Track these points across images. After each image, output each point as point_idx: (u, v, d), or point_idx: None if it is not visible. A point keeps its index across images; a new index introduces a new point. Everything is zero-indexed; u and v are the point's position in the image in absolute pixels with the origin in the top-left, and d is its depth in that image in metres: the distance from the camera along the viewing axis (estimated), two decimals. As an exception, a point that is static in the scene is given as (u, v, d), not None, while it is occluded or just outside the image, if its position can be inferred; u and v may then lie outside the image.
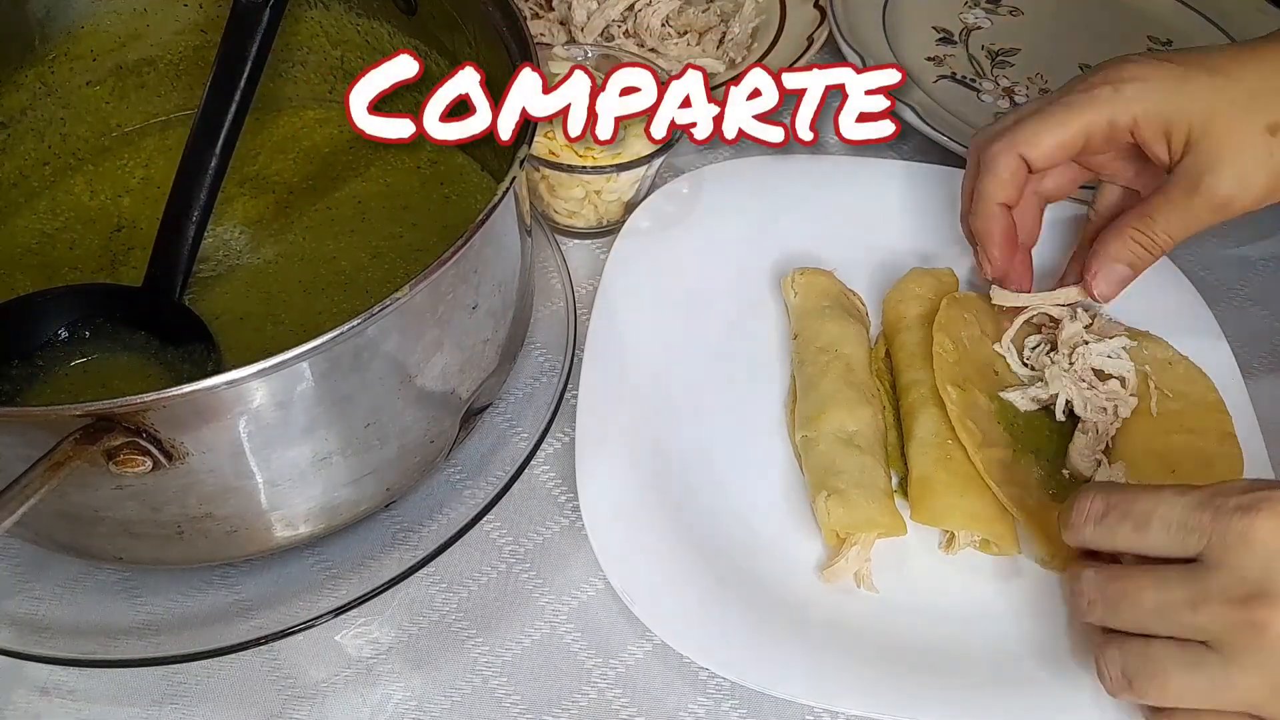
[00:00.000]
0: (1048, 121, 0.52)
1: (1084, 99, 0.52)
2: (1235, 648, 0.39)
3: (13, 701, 0.47)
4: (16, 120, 0.58)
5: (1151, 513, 0.41)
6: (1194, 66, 0.51)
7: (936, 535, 0.53)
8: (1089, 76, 0.53)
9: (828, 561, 0.51)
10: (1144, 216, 0.53)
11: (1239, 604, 0.38)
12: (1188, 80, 0.51)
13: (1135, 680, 0.42)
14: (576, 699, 0.48)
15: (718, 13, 0.80)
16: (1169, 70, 0.51)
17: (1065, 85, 0.55)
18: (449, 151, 0.63)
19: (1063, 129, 0.52)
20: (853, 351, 0.57)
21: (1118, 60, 0.53)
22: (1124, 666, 0.42)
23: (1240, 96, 0.50)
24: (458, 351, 0.47)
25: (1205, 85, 0.50)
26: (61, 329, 0.52)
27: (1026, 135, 0.53)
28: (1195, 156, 0.51)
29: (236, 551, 0.48)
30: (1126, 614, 0.42)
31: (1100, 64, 0.54)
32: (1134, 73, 0.51)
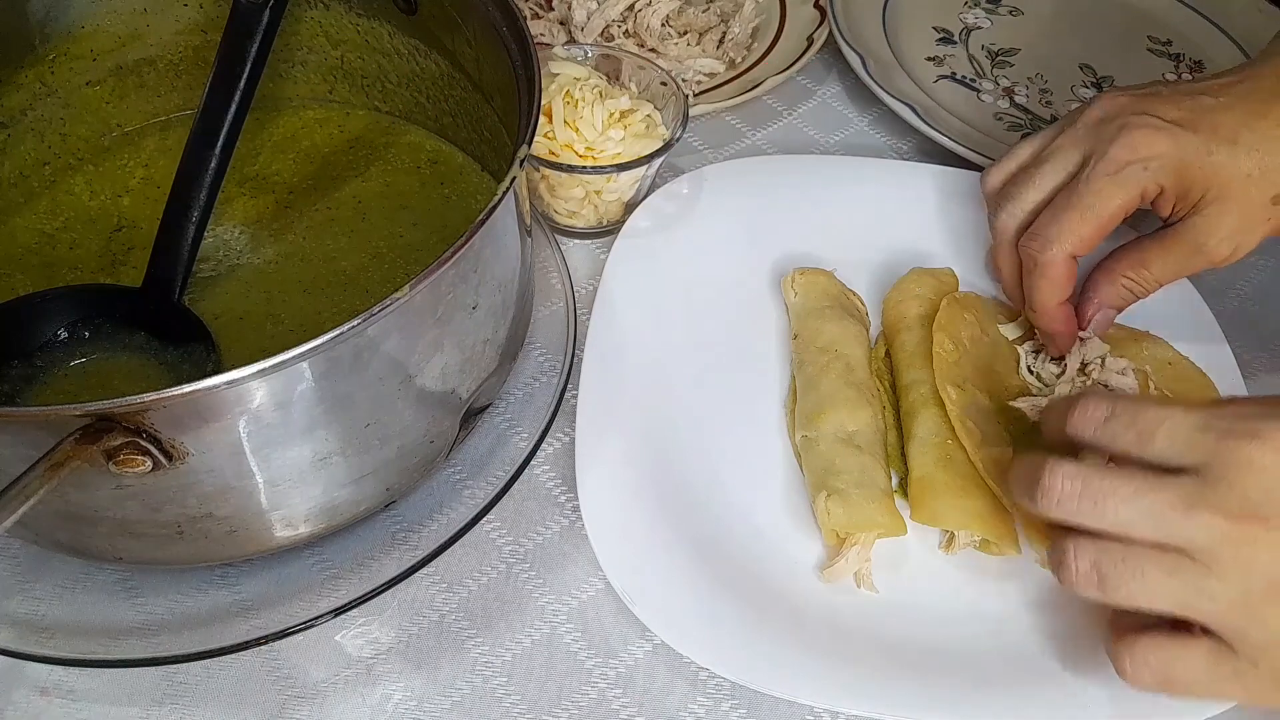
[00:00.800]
0: (1088, 217, 0.53)
1: (1114, 184, 0.52)
2: (1219, 558, 0.39)
3: (13, 701, 0.47)
4: (16, 120, 0.58)
5: (1159, 423, 0.41)
6: (1213, 135, 0.52)
7: (936, 535, 0.53)
8: (1110, 149, 0.53)
9: (828, 561, 0.51)
10: (1138, 265, 0.55)
11: (1234, 517, 0.39)
12: (1211, 153, 0.52)
13: (1107, 575, 0.41)
14: (576, 699, 0.48)
15: (718, 13, 0.80)
16: (1190, 142, 0.52)
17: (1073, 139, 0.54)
18: (449, 151, 0.63)
19: (1103, 219, 0.53)
20: (853, 351, 0.57)
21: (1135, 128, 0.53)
22: (1096, 559, 0.41)
23: (1254, 170, 0.52)
24: (458, 351, 0.47)
25: (1224, 158, 0.52)
26: (61, 329, 0.52)
27: (1073, 236, 0.53)
28: (1204, 219, 0.53)
29: (236, 551, 0.48)
30: (1110, 511, 0.41)
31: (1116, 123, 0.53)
32: (1159, 148, 0.52)
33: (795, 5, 0.81)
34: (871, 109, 0.77)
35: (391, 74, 0.63)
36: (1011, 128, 0.75)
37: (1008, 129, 0.75)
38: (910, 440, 0.54)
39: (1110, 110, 0.54)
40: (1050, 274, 0.54)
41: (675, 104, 0.64)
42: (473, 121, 0.60)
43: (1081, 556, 0.42)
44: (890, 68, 0.77)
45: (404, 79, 0.62)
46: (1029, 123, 0.76)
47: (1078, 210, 0.53)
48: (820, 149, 0.75)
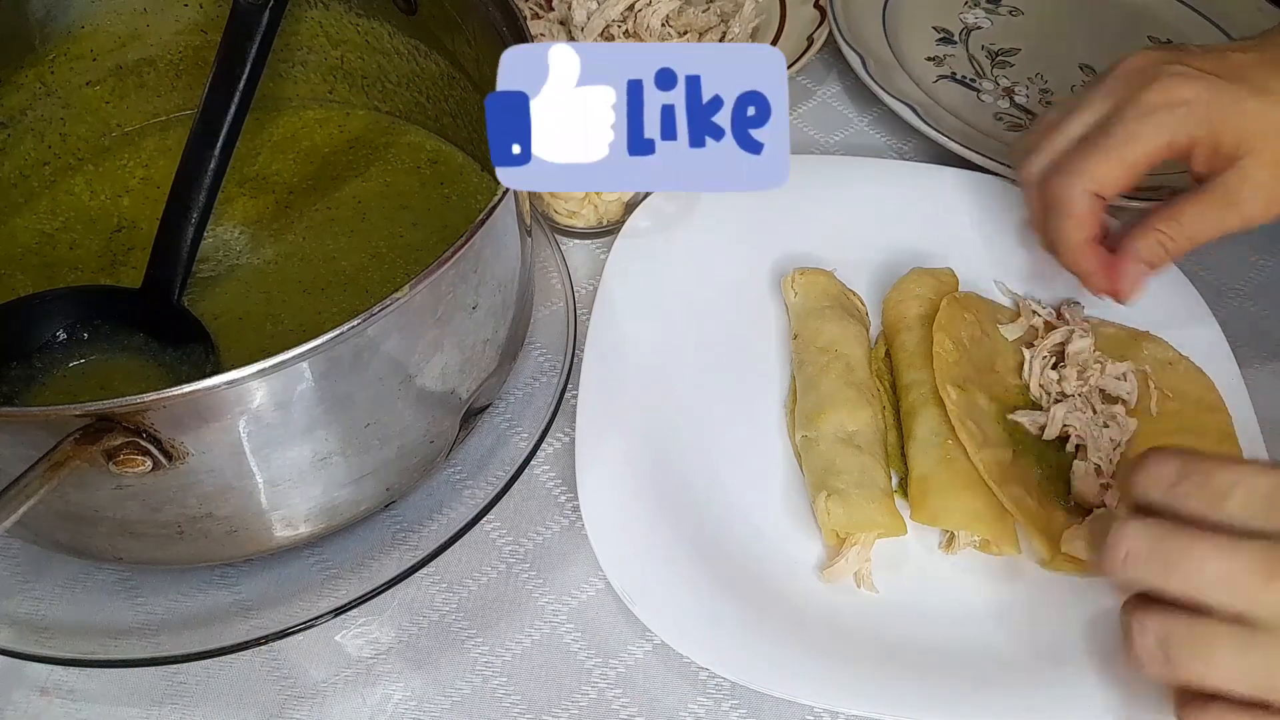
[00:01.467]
0: (1112, 156, 0.52)
1: (1144, 125, 0.52)
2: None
3: (13, 701, 0.47)
4: (16, 120, 0.58)
5: (1234, 484, 0.38)
6: (1246, 84, 0.51)
7: (936, 535, 0.53)
8: (1141, 93, 0.52)
9: (828, 561, 0.51)
10: (1172, 220, 0.53)
11: None
12: (1242, 101, 0.51)
13: (1175, 653, 0.38)
14: (576, 699, 0.48)
15: (718, 13, 0.80)
16: (1221, 90, 0.51)
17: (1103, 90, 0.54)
18: (449, 151, 0.63)
19: (1129, 161, 0.52)
20: (852, 351, 0.57)
21: (1168, 75, 0.52)
22: (1165, 636, 0.38)
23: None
24: (458, 351, 0.47)
25: (1256, 108, 0.51)
26: (60, 331, 0.52)
27: (1095, 171, 0.52)
28: (1238, 173, 0.52)
29: (236, 551, 0.48)
30: (1181, 576, 0.38)
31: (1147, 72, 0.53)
32: (1189, 93, 0.51)
33: (795, 5, 0.81)
34: (871, 109, 0.77)
35: (391, 74, 0.63)
36: (1011, 128, 0.75)
37: (1008, 129, 0.75)
38: (910, 440, 0.54)
39: (1142, 63, 0.53)
40: (1070, 209, 0.52)
41: (675, 104, 0.64)
42: (473, 121, 0.60)
43: (1146, 633, 0.39)
44: (890, 68, 0.77)
45: (404, 79, 0.62)
46: (1029, 123, 0.76)
47: (1102, 149, 0.52)
48: (820, 149, 0.75)
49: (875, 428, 0.54)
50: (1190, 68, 0.52)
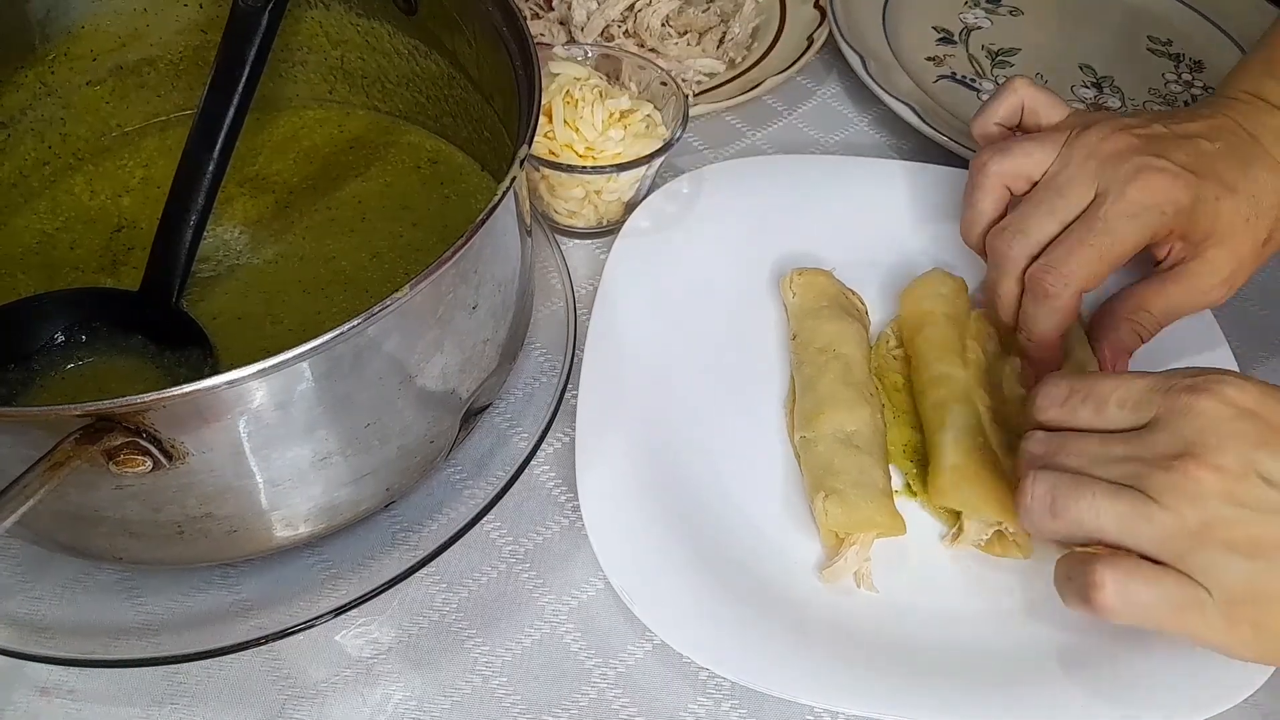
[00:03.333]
0: (1105, 256, 0.54)
1: (1131, 225, 0.53)
2: (1159, 487, 0.42)
3: (13, 701, 0.47)
4: (16, 120, 0.58)
5: (1110, 394, 0.45)
6: (1218, 183, 0.54)
7: (937, 536, 0.53)
8: (1127, 189, 0.53)
9: (827, 562, 0.51)
10: (1141, 309, 0.57)
11: (1171, 457, 0.42)
12: (1219, 200, 0.54)
13: (1059, 496, 0.44)
14: (576, 699, 0.48)
15: (718, 13, 0.80)
16: (1199, 191, 0.54)
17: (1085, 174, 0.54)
18: (449, 151, 0.63)
19: (1114, 259, 0.54)
20: (851, 351, 0.57)
21: (1151, 171, 0.53)
22: (1052, 484, 0.44)
23: (1251, 214, 0.55)
24: (458, 351, 0.47)
25: (1229, 205, 0.54)
26: (58, 333, 0.52)
27: (1087, 273, 0.54)
28: (1203, 263, 0.55)
29: (236, 551, 0.48)
30: (1066, 457, 0.45)
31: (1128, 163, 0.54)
32: (1173, 195, 0.53)
33: (795, 5, 0.81)
34: (871, 109, 0.77)
35: (391, 74, 0.63)
36: (1011, 128, 0.75)
37: (1008, 129, 0.75)
38: (941, 430, 0.54)
39: (1121, 147, 0.54)
40: (1060, 306, 0.55)
41: (675, 104, 0.64)
42: (473, 121, 0.60)
43: (1039, 481, 0.45)
44: (890, 68, 0.77)
45: (404, 79, 0.62)
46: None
47: (1096, 250, 0.54)
48: (820, 149, 0.75)
49: (874, 427, 0.54)
50: (1170, 163, 0.54)
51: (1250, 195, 0.55)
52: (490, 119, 0.58)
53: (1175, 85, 0.81)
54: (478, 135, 0.61)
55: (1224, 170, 0.55)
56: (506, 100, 0.52)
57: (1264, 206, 0.55)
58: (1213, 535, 0.41)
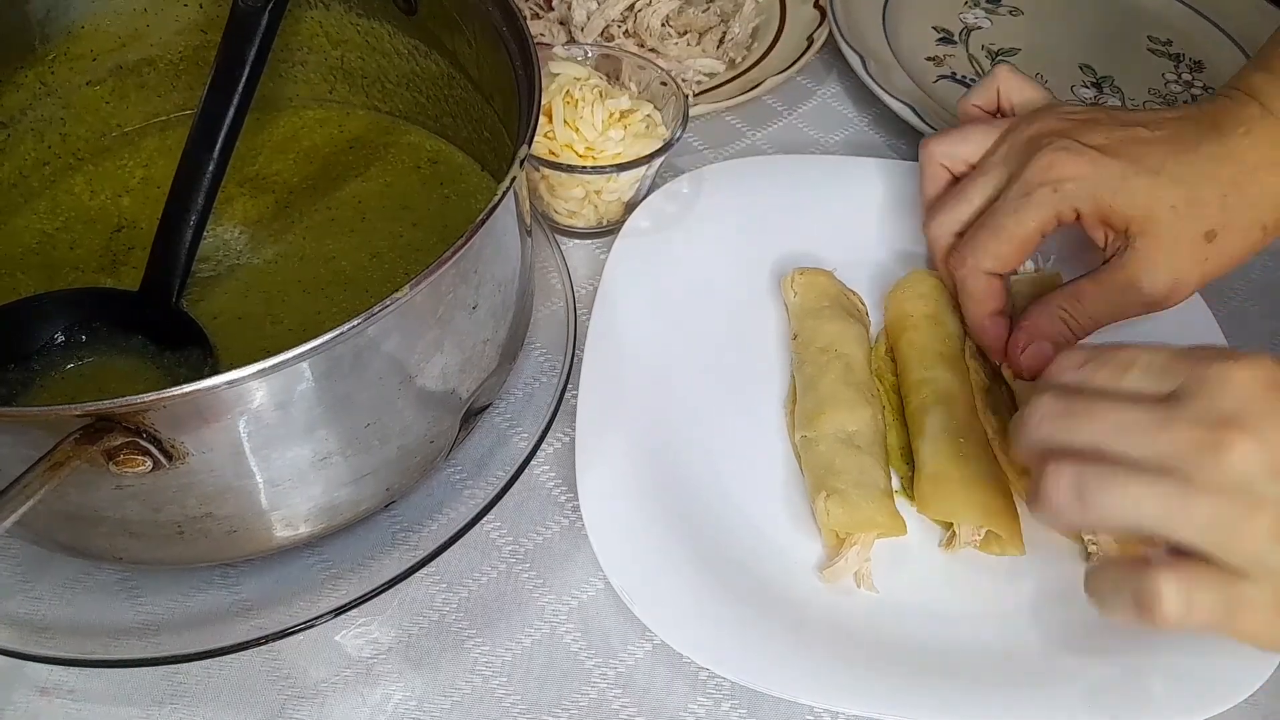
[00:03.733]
0: (1001, 235, 0.54)
1: (1026, 204, 0.53)
2: (1197, 468, 0.38)
3: (13, 701, 0.47)
4: (16, 120, 0.58)
5: (1134, 359, 0.41)
6: (1134, 164, 0.52)
7: (937, 535, 0.53)
8: (1025, 170, 0.53)
9: (827, 562, 0.51)
10: (1074, 298, 0.54)
11: (1208, 427, 0.38)
12: (1128, 180, 0.52)
13: (1088, 488, 0.40)
14: (576, 699, 0.48)
15: (718, 13, 0.80)
16: (1107, 167, 0.52)
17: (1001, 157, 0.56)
18: (449, 151, 0.63)
19: (1018, 239, 0.54)
20: (852, 351, 0.57)
21: (1052, 150, 0.53)
22: (1077, 474, 0.40)
23: (1180, 202, 0.52)
24: (458, 351, 0.47)
25: (1146, 186, 0.52)
26: (58, 333, 0.52)
27: (988, 252, 0.54)
28: (1134, 255, 0.53)
29: (236, 551, 0.48)
30: (1084, 429, 0.41)
31: (1037, 145, 0.54)
32: (1071, 171, 0.52)
33: (795, 5, 0.81)
34: (871, 109, 0.77)
35: (391, 74, 0.63)
36: (1011, 128, 0.75)
37: (1008, 129, 0.75)
38: (920, 437, 0.54)
39: (1038, 131, 0.55)
40: (970, 289, 0.55)
41: (675, 104, 0.64)
42: (473, 121, 0.60)
43: (1061, 474, 0.40)
44: (890, 68, 0.77)
45: (404, 79, 0.62)
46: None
47: (990, 230, 0.54)
48: (820, 149, 0.75)
49: (875, 428, 0.54)
50: (1077, 143, 0.53)
51: (1178, 180, 0.51)
52: (490, 119, 0.58)
53: (1175, 85, 0.81)
54: (478, 135, 0.61)
55: (1150, 153, 0.52)
56: (506, 100, 0.52)
57: (1200, 195, 0.52)
58: (1257, 519, 0.37)
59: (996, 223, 0.54)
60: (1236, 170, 0.52)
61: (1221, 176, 0.52)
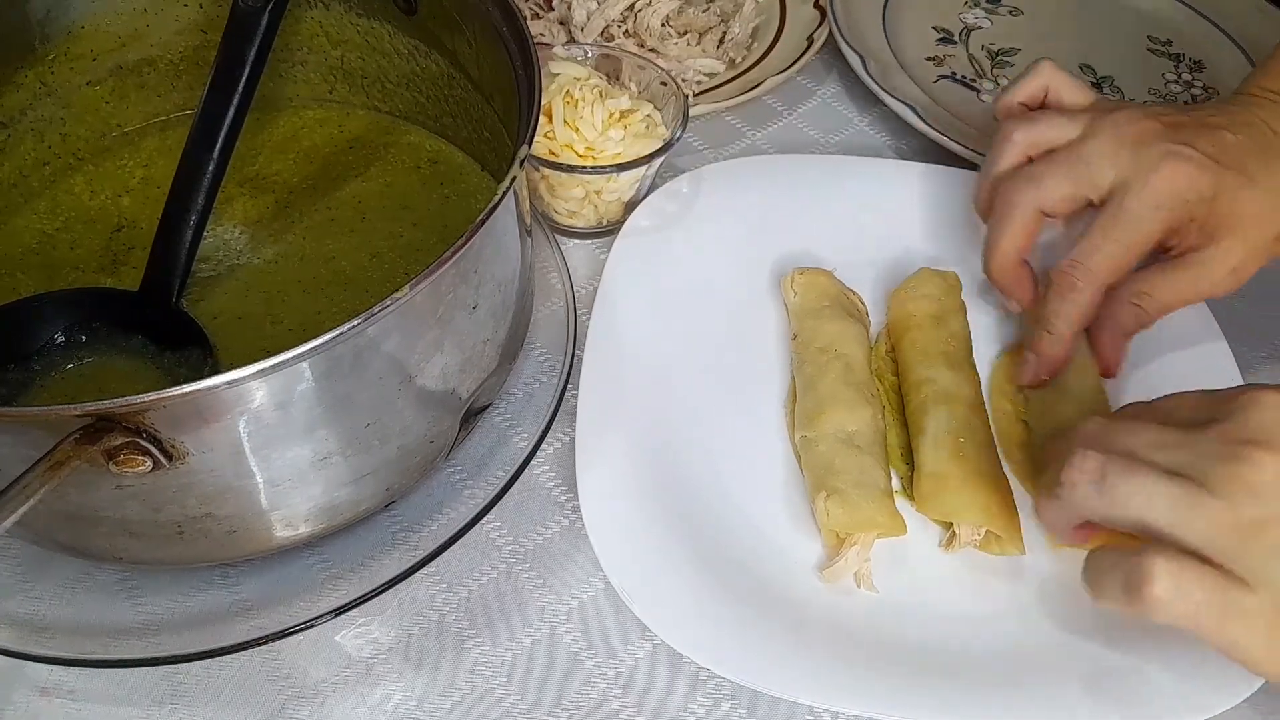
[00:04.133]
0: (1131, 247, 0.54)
1: (1154, 216, 0.53)
2: (1215, 476, 0.40)
3: (13, 701, 0.47)
4: (16, 120, 0.58)
5: (1175, 406, 0.45)
6: (1240, 174, 0.54)
7: (937, 535, 0.53)
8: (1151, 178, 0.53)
9: (827, 562, 0.51)
10: (1145, 294, 0.56)
11: (1235, 442, 0.40)
12: (1240, 191, 0.54)
13: (1110, 474, 0.42)
14: (576, 699, 0.48)
15: (718, 13, 0.80)
16: (1222, 181, 0.53)
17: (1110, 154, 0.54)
18: (449, 151, 0.63)
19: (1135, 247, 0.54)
20: (852, 351, 0.57)
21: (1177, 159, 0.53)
22: (1102, 465, 0.43)
23: (1264, 208, 0.54)
24: (458, 351, 0.47)
25: (1246, 196, 0.54)
26: (58, 333, 0.52)
27: (1113, 267, 0.55)
28: (1214, 252, 0.55)
29: (236, 551, 0.48)
30: (1121, 440, 0.44)
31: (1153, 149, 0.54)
32: (1200, 185, 0.53)
33: (795, 5, 0.81)
34: (871, 109, 0.77)
35: (391, 74, 0.63)
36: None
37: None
38: (921, 435, 0.54)
39: (1146, 132, 0.54)
40: (1083, 301, 0.55)
41: (675, 104, 0.64)
42: (473, 121, 0.60)
43: (1090, 457, 0.43)
44: (890, 68, 0.77)
45: (404, 79, 0.62)
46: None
47: (1121, 243, 0.54)
48: (820, 149, 0.75)
49: (875, 428, 0.54)
50: (1196, 151, 0.53)
51: (1269, 189, 0.54)
52: (490, 119, 0.58)
53: (1175, 85, 0.81)
54: (478, 135, 0.61)
55: (1246, 161, 0.54)
56: (506, 100, 0.52)
57: (1277, 201, 0.54)
58: (1265, 533, 0.39)
59: (1125, 233, 0.54)
60: None
61: None
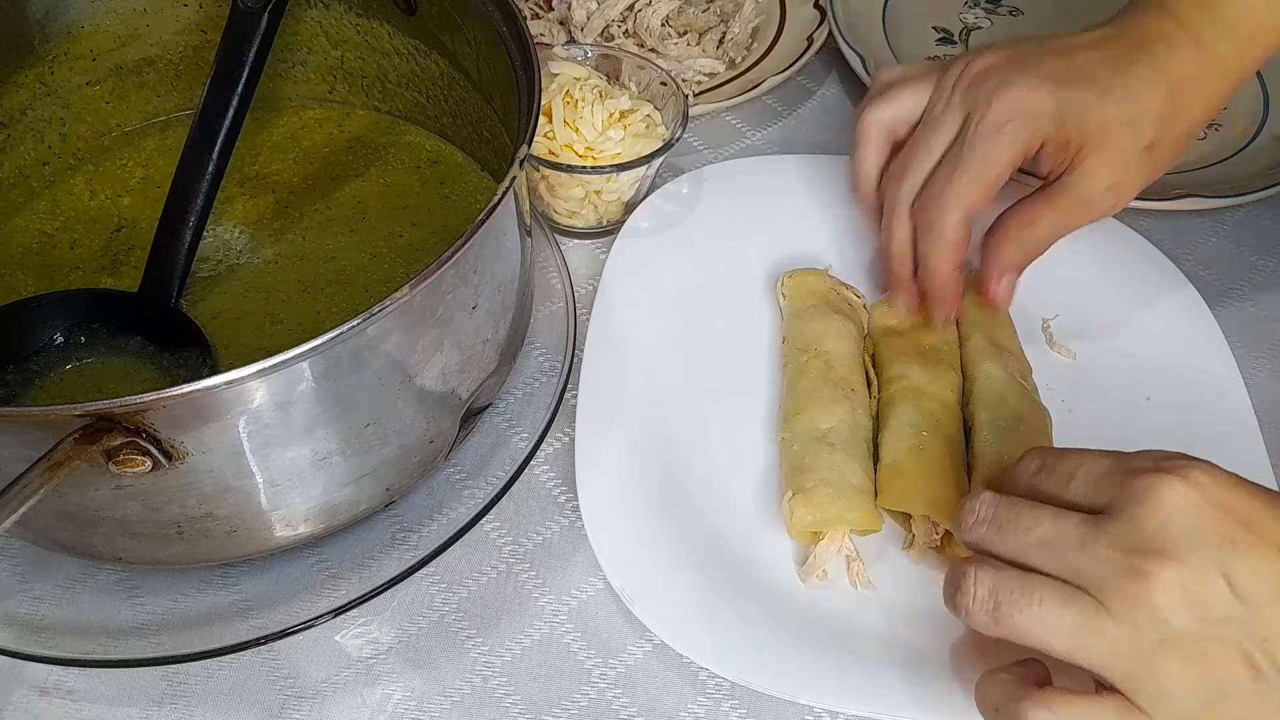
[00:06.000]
0: (975, 179, 0.54)
1: (996, 144, 0.53)
2: (1113, 594, 0.37)
3: (13, 701, 0.47)
4: (16, 120, 0.58)
5: (1078, 465, 0.41)
6: (1088, 87, 0.53)
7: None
8: (989, 109, 0.53)
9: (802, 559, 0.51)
10: (1026, 224, 0.56)
11: (1128, 551, 0.37)
12: (1088, 104, 0.53)
13: (1004, 603, 0.39)
14: (576, 699, 0.48)
15: (718, 13, 0.80)
16: (1065, 95, 0.53)
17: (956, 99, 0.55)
18: (449, 151, 0.63)
19: (990, 180, 0.54)
20: (833, 348, 0.56)
21: (1012, 86, 0.53)
22: (995, 586, 0.40)
23: (1127, 118, 0.53)
24: (457, 351, 0.47)
25: (1099, 107, 0.53)
26: (57, 334, 0.52)
27: (965, 198, 0.54)
28: (1084, 171, 0.54)
29: (236, 551, 0.48)
30: (1012, 538, 0.41)
31: (993, 81, 0.54)
32: (1035, 104, 0.53)
33: (795, 5, 0.81)
34: (871, 109, 0.77)
35: (391, 74, 0.63)
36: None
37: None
38: (885, 429, 0.54)
39: (989, 64, 0.55)
40: (949, 236, 0.55)
41: (675, 104, 0.64)
42: (473, 121, 0.60)
43: (980, 582, 0.40)
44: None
45: (404, 79, 0.63)
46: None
47: (967, 172, 0.54)
48: (820, 149, 0.74)
49: (852, 424, 0.54)
50: (1030, 76, 0.53)
51: (1125, 99, 0.53)
52: (490, 119, 0.58)
53: (1175, 85, 0.81)
54: (478, 135, 0.61)
55: (1097, 75, 0.53)
56: (506, 100, 0.52)
57: (1143, 109, 0.53)
58: (1167, 655, 0.37)
59: (969, 165, 0.54)
60: (1168, 84, 0.53)
61: (1157, 91, 0.53)
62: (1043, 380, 0.57)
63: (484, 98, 0.58)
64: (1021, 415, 0.53)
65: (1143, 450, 0.41)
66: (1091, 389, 0.58)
